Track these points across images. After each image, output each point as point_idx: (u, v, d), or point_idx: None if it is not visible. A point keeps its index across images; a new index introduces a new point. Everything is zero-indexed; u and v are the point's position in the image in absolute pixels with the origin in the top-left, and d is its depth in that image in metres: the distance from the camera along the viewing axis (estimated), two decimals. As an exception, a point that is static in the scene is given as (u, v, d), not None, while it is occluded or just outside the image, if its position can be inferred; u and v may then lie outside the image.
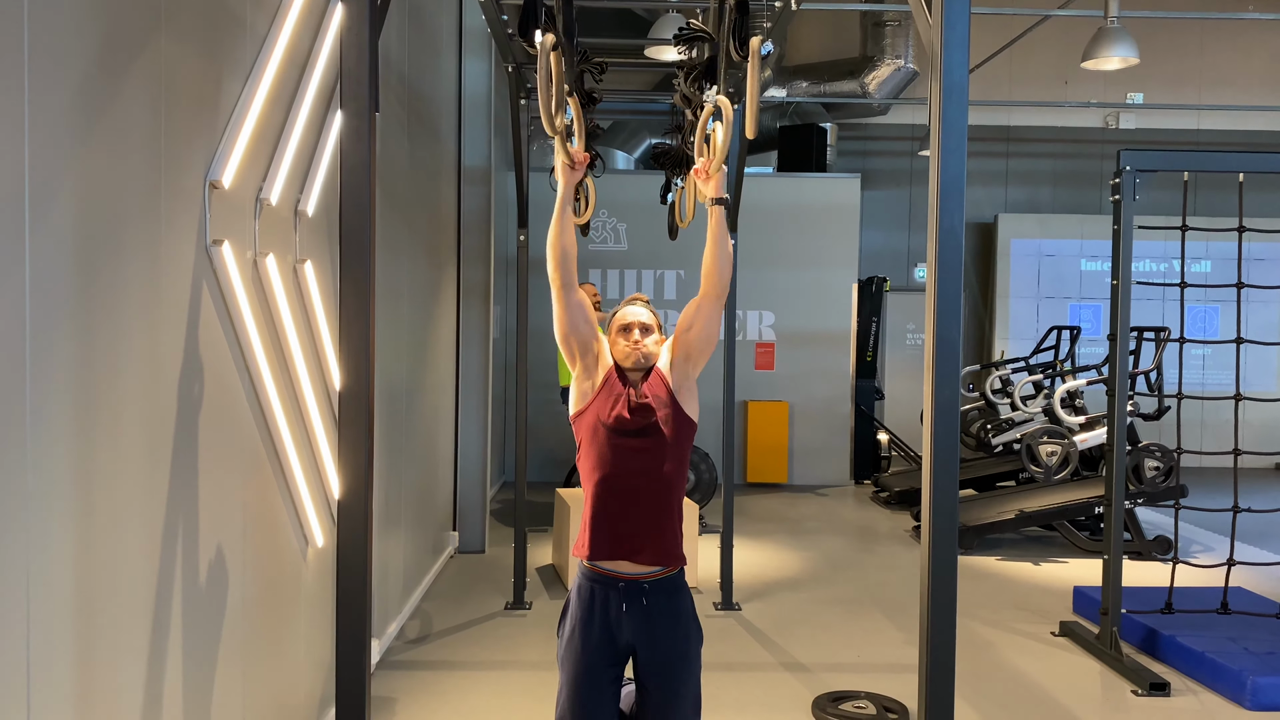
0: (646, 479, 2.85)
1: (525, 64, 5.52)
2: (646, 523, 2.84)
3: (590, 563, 2.88)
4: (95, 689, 2.16)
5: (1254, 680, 4.29)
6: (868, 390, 10.31)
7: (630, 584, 2.85)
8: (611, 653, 2.86)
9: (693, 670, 2.95)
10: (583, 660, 2.86)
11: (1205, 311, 11.84)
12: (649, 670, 2.89)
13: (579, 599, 2.91)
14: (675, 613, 2.91)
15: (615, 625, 2.85)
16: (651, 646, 2.87)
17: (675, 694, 2.90)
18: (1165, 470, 7.05)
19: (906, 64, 10.37)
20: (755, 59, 2.50)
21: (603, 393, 2.91)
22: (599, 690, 2.87)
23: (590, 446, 2.89)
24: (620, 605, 2.85)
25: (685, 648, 2.93)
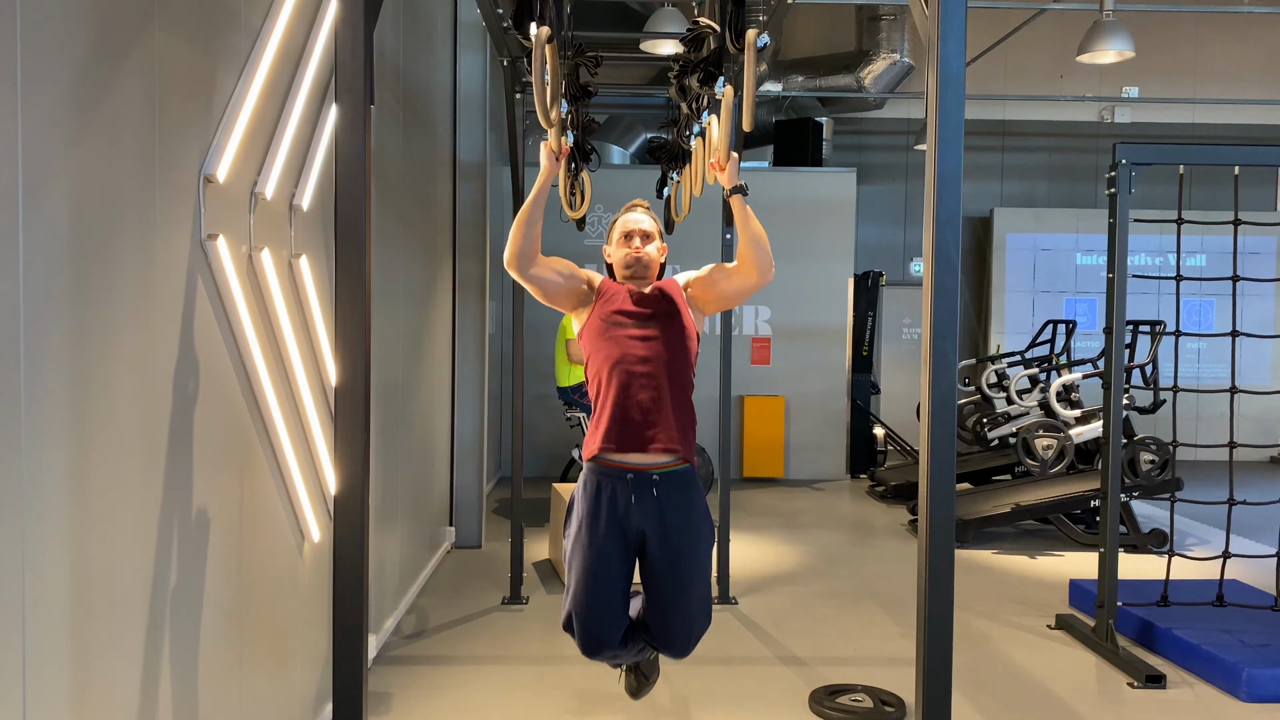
0: (652, 367, 2.84)
1: (520, 57, 5.51)
2: (655, 412, 2.82)
3: (599, 457, 2.83)
4: (91, 684, 2.15)
5: (1249, 672, 4.30)
6: (864, 385, 10.32)
7: (639, 475, 2.80)
8: (621, 544, 2.81)
9: (703, 568, 2.88)
10: (591, 551, 2.80)
11: (1200, 305, 11.86)
12: (658, 561, 2.82)
13: (585, 493, 2.85)
14: (686, 504, 2.86)
15: (624, 516, 2.79)
16: (661, 536, 2.81)
17: (684, 590, 2.83)
18: (1161, 463, 7.07)
19: (902, 58, 10.36)
20: (751, 52, 2.49)
21: (602, 299, 2.93)
22: (607, 585, 2.81)
23: (598, 346, 2.88)
24: (629, 496, 2.80)
25: (696, 541, 2.86)
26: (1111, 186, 4.79)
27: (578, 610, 2.85)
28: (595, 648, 2.91)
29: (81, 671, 2.11)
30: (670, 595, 2.86)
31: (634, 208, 3.08)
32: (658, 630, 2.93)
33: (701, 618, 2.94)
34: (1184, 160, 4.90)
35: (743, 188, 2.86)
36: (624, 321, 2.87)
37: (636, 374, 2.83)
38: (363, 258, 2.42)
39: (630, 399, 2.83)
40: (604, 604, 2.83)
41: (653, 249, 2.99)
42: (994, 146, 12.40)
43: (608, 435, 2.83)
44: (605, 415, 2.85)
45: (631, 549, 2.85)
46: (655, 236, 3.02)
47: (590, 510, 2.83)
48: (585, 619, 2.85)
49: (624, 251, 2.99)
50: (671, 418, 2.84)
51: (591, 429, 2.90)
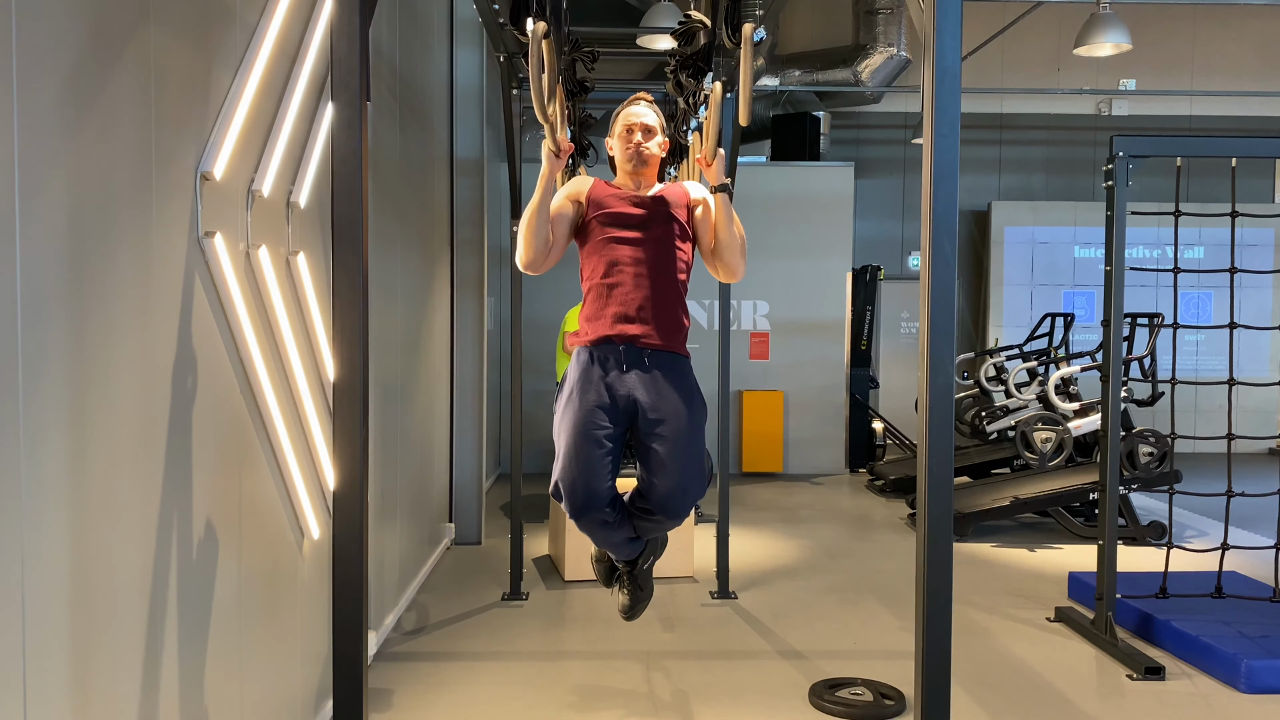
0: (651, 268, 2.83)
1: (517, 53, 5.50)
2: (651, 306, 2.82)
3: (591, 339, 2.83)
4: (91, 681, 2.15)
5: (1248, 663, 4.31)
6: (862, 379, 10.33)
7: (632, 347, 2.80)
8: (611, 410, 2.79)
9: (697, 435, 2.86)
10: (580, 414, 2.79)
11: (1198, 297, 11.87)
12: (650, 426, 2.81)
13: (577, 366, 2.85)
14: (680, 378, 2.85)
15: (615, 382, 2.79)
16: (653, 400, 2.80)
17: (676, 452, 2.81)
18: (1159, 456, 7.07)
19: (899, 52, 10.35)
20: (748, 46, 2.49)
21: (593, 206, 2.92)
22: (596, 444, 2.78)
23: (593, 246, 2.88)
24: (620, 364, 2.80)
25: (689, 406, 2.85)
26: (1109, 179, 4.80)
27: (567, 466, 2.80)
28: (585, 506, 2.83)
29: (81, 670, 2.11)
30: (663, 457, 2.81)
31: (636, 100, 3.06)
32: (651, 495, 2.88)
33: (696, 481, 2.88)
34: (1181, 152, 4.91)
35: (727, 186, 2.86)
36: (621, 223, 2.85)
37: (630, 274, 2.82)
38: (360, 255, 2.42)
39: (624, 298, 2.82)
40: (593, 459, 2.78)
41: (654, 144, 2.98)
42: (991, 140, 12.40)
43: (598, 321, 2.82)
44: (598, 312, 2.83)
45: (621, 413, 2.81)
46: (657, 131, 2.99)
47: (581, 376, 2.82)
48: (573, 474, 2.79)
49: (624, 145, 2.97)
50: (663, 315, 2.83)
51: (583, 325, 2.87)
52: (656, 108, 3.07)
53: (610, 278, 2.84)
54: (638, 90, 3.25)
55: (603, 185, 2.97)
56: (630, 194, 2.94)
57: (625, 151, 2.97)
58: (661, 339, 2.83)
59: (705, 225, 2.97)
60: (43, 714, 1.96)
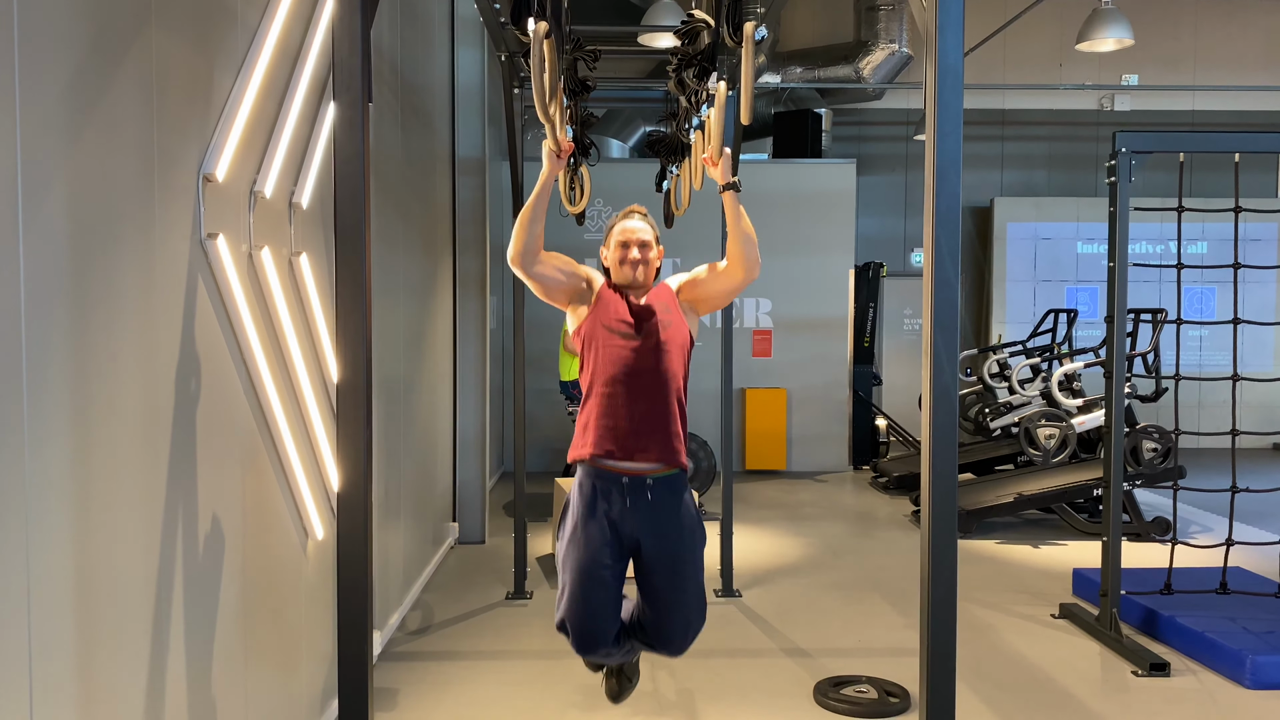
0: (648, 378, 2.86)
1: (518, 53, 5.50)
2: (649, 421, 2.84)
3: (592, 461, 2.86)
4: (97, 683, 2.16)
5: (1253, 659, 4.30)
6: (865, 376, 10.32)
7: (634, 479, 2.82)
8: (615, 547, 2.83)
9: (697, 569, 2.92)
10: (585, 554, 2.82)
11: (1202, 293, 11.84)
12: (653, 563, 2.85)
13: (580, 495, 2.87)
14: (680, 509, 2.89)
15: (618, 519, 2.82)
16: (656, 539, 2.83)
17: (679, 590, 2.86)
18: (1163, 452, 7.06)
19: (901, 48, 10.34)
20: (749, 44, 2.49)
21: (600, 303, 2.94)
22: (601, 585, 2.83)
23: (591, 353, 2.91)
24: (623, 500, 2.82)
25: (691, 543, 2.89)
26: (1112, 175, 4.79)
27: (572, 609, 2.88)
28: (589, 646, 2.94)
29: (87, 670, 2.11)
30: (666, 595, 2.89)
31: (631, 214, 3.08)
32: (654, 630, 2.96)
33: (697, 615, 2.97)
34: (1184, 148, 4.89)
35: (735, 184, 2.87)
36: (619, 332, 2.89)
37: (629, 385, 2.86)
38: (362, 255, 2.42)
39: (622, 410, 2.85)
40: (598, 603, 2.85)
41: (650, 258, 3.00)
42: (994, 136, 12.38)
43: (599, 443, 2.86)
44: (598, 423, 2.87)
45: (625, 550, 2.88)
46: (652, 244, 3.03)
47: (585, 511, 2.86)
48: (579, 617, 2.87)
49: (621, 260, 2.99)
50: (662, 428, 2.87)
51: (580, 431, 2.90)
52: (651, 220, 3.09)
53: (610, 388, 2.86)
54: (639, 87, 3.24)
55: (609, 291, 3.01)
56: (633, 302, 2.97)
57: (621, 267, 2.99)
58: (661, 458, 2.86)
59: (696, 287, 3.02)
60: (48, 713, 1.96)
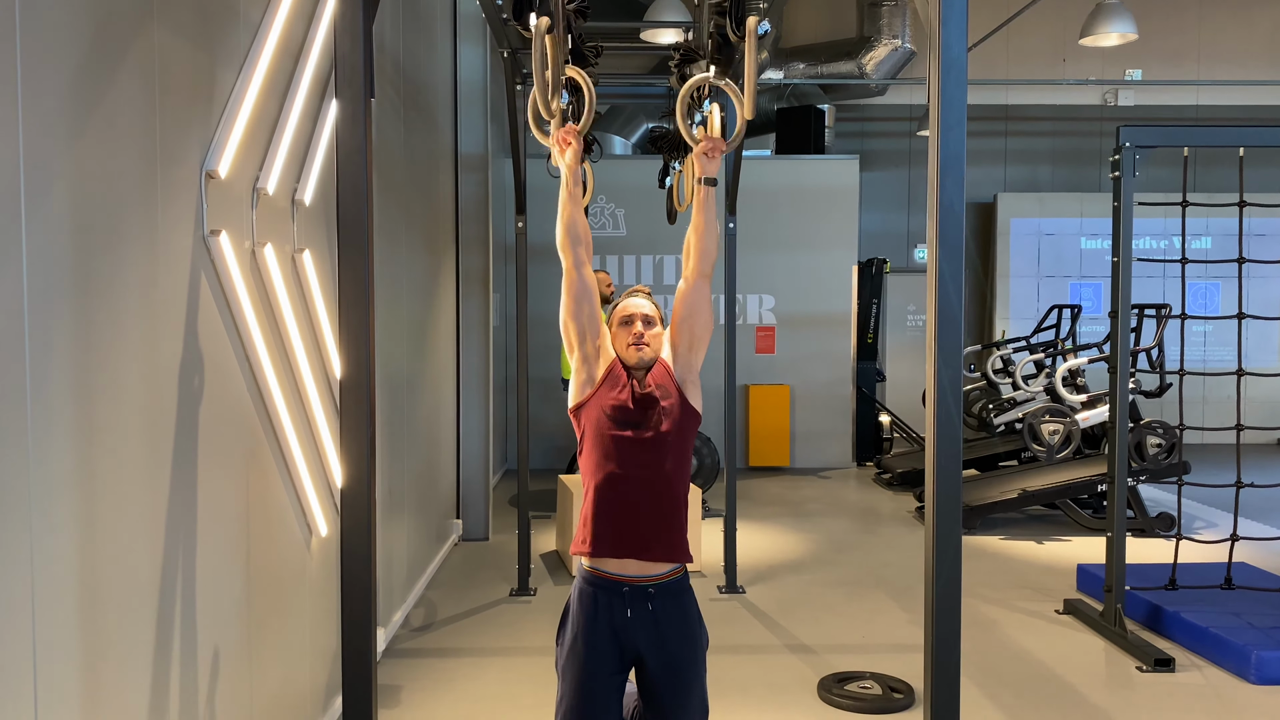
0: (650, 472, 2.76)
1: (520, 49, 5.49)
2: (651, 518, 2.76)
3: (592, 564, 2.79)
4: (101, 679, 2.16)
5: (1258, 655, 4.30)
6: (869, 372, 10.31)
7: (635, 589, 2.76)
8: (616, 660, 2.77)
9: (700, 674, 2.87)
10: (586, 668, 2.77)
11: (1206, 288, 11.82)
12: (657, 676, 2.80)
13: (580, 605, 2.81)
14: (683, 617, 2.83)
15: (620, 631, 2.76)
16: (659, 652, 2.78)
17: (683, 700, 2.82)
18: (1168, 447, 7.05)
19: (904, 44, 10.32)
20: (752, 39, 2.48)
21: (605, 385, 2.84)
22: (604, 698, 2.78)
23: (593, 440, 2.81)
24: (625, 611, 2.76)
25: (693, 652, 2.84)
26: (1116, 170, 4.78)
27: None
28: None
29: (92, 667, 2.12)
30: (669, 703, 2.83)
31: (635, 293, 3.00)
32: None
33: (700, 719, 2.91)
34: (1188, 142, 4.88)
35: (714, 180, 2.83)
36: (621, 422, 2.78)
37: (633, 481, 2.76)
38: (365, 251, 2.42)
39: (625, 506, 2.76)
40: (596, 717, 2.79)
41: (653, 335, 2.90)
42: (997, 131, 12.36)
43: (599, 541, 2.77)
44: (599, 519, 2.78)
45: (627, 661, 2.82)
46: (656, 321, 2.93)
47: (587, 624, 2.78)
48: None
49: (625, 340, 2.90)
50: (666, 523, 2.79)
51: (583, 522, 2.83)
52: (654, 300, 3.02)
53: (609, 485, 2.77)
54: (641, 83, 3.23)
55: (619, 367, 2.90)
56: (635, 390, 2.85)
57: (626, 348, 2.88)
58: (663, 556, 2.78)
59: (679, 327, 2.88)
60: (54, 708, 1.96)
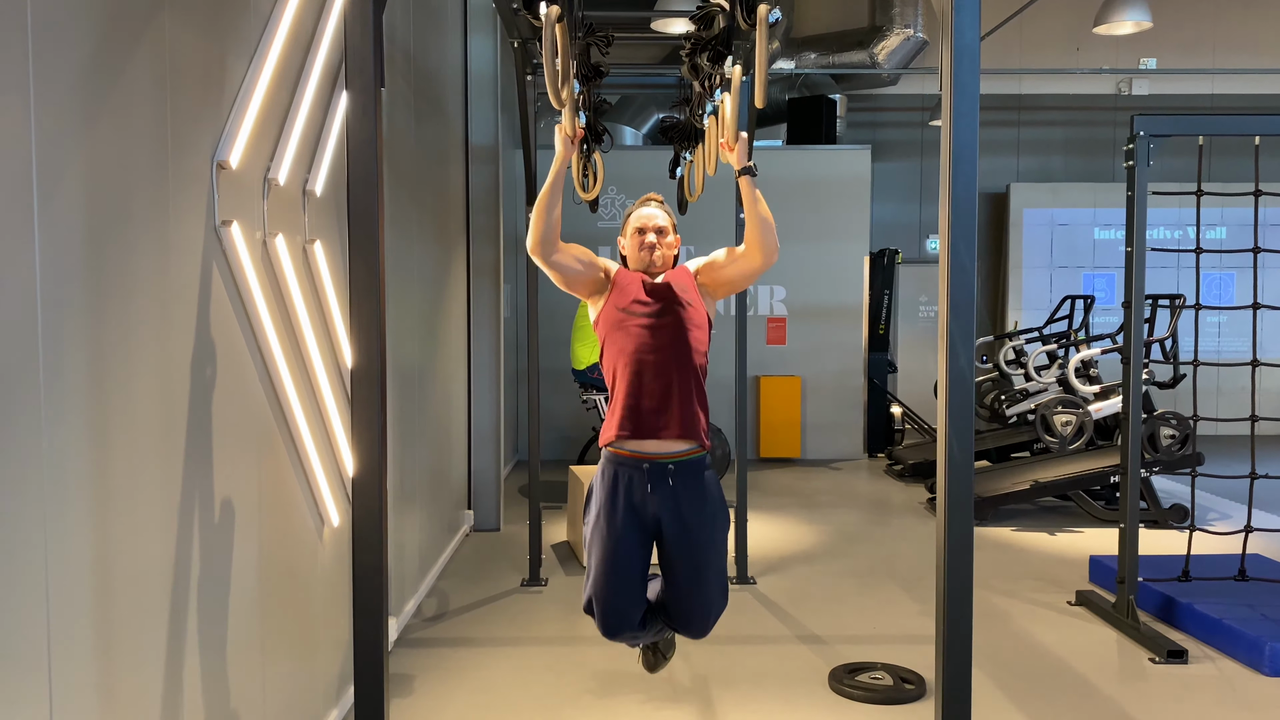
0: (667, 355, 2.90)
1: (531, 39, 5.48)
2: (670, 398, 2.88)
3: (615, 445, 2.92)
4: (114, 669, 2.17)
5: (1272, 646, 4.28)
6: (880, 363, 10.28)
7: (655, 465, 2.88)
8: (639, 530, 2.89)
9: (719, 553, 2.97)
10: (610, 537, 2.89)
11: (1221, 278, 11.74)
12: (675, 546, 2.91)
13: (603, 482, 2.94)
14: (701, 492, 2.94)
15: (641, 505, 2.88)
16: (678, 523, 2.89)
17: (701, 575, 2.92)
18: (1181, 438, 7.02)
19: (916, 33, 10.26)
20: (763, 27, 2.47)
21: (617, 288, 3.00)
22: (626, 568, 2.90)
23: (612, 336, 2.95)
24: (646, 485, 2.88)
25: (711, 527, 2.94)
26: (1130, 159, 4.74)
27: (598, 594, 2.94)
28: (615, 629, 3.00)
29: (105, 657, 2.13)
30: (688, 578, 2.95)
31: (648, 202, 3.13)
32: (677, 613, 3.01)
33: (719, 599, 3.01)
34: (1203, 131, 4.84)
35: (752, 169, 2.87)
36: (637, 312, 2.95)
37: (649, 363, 2.91)
38: (376, 242, 2.42)
39: (643, 388, 2.90)
40: (623, 587, 2.92)
41: (667, 243, 3.05)
42: (1010, 121, 12.28)
43: (623, 424, 2.91)
44: (620, 404, 2.93)
45: (649, 534, 2.95)
46: (669, 230, 3.09)
47: (608, 498, 2.92)
48: (605, 602, 2.94)
49: (638, 247, 3.05)
50: (684, 406, 2.92)
51: (609, 416, 2.98)
52: (667, 207, 3.14)
53: (631, 368, 2.92)
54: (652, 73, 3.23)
55: (626, 273, 3.06)
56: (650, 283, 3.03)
57: (638, 253, 3.03)
58: (682, 435, 2.90)
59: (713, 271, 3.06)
60: (69, 698, 1.98)
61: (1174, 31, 11.48)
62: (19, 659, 1.84)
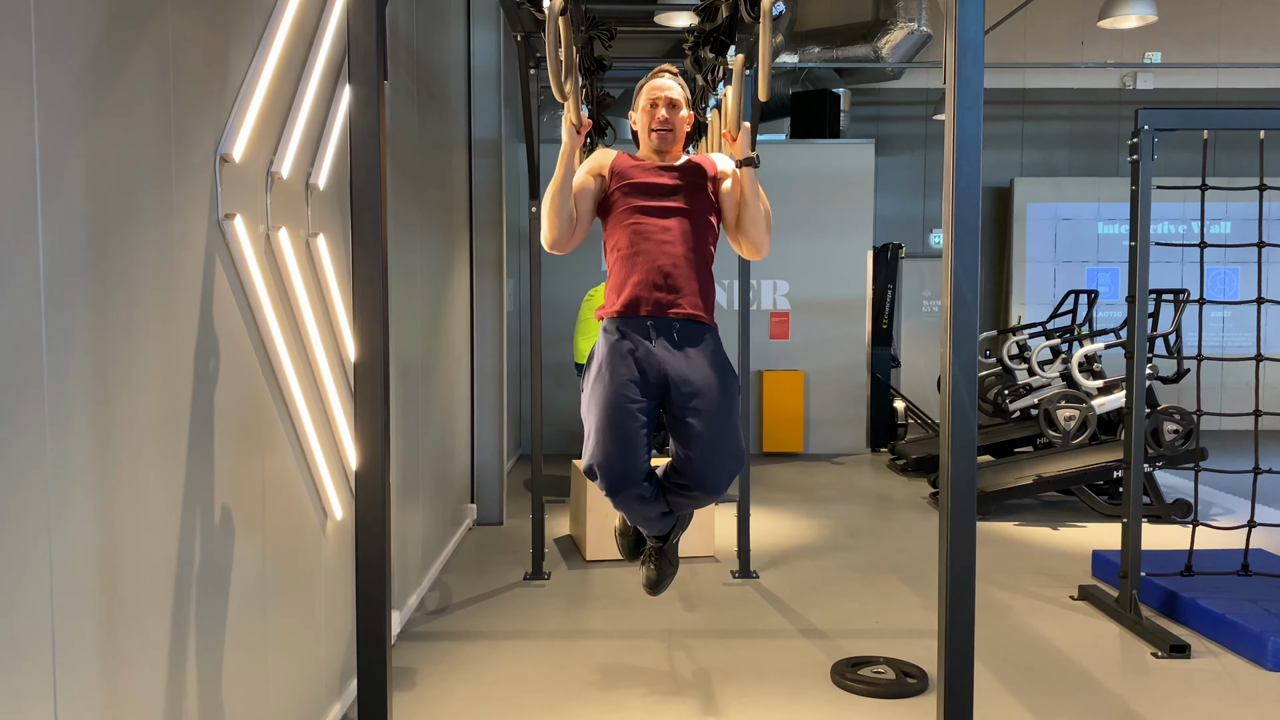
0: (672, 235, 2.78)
1: (534, 32, 5.47)
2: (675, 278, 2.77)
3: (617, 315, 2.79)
4: (118, 662, 2.18)
5: (1275, 641, 4.27)
6: (884, 358, 10.28)
7: (659, 320, 2.75)
8: (642, 384, 2.73)
9: (732, 412, 2.80)
10: (611, 390, 2.73)
11: (1225, 273, 11.72)
12: (683, 400, 2.74)
13: (605, 340, 2.79)
14: (711, 352, 2.80)
15: (645, 358, 2.74)
16: (684, 374, 2.74)
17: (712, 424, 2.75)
18: (1184, 433, 7.01)
19: (920, 27, 10.23)
20: (766, 19, 2.46)
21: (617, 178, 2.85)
22: (629, 418, 2.72)
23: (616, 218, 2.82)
24: (648, 339, 2.74)
25: (721, 379, 2.79)
26: (1134, 153, 4.73)
27: (600, 445, 2.75)
28: (620, 482, 2.78)
29: (109, 650, 2.13)
30: (699, 431, 2.75)
31: (661, 73, 2.97)
32: (688, 470, 2.81)
33: (734, 455, 2.82)
34: (1208, 125, 4.82)
35: (754, 160, 2.82)
36: (645, 190, 2.79)
37: (657, 241, 2.76)
38: (379, 236, 2.42)
39: (651, 265, 2.75)
40: (626, 436, 2.72)
41: (680, 118, 2.90)
42: (1014, 115, 12.26)
43: (627, 301, 2.76)
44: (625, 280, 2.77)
45: (653, 387, 2.76)
46: (682, 104, 2.89)
47: (610, 351, 2.76)
48: (608, 452, 2.75)
49: (649, 123, 2.90)
50: (691, 284, 2.77)
51: (609, 296, 2.81)
52: (681, 80, 2.97)
53: (636, 246, 2.77)
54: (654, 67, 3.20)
55: (626, 157, 2.90)
56: (655, 164, 2.87)
57: (649, 125, 2.89)
58: (689, 306, 2.76)
59: (730, 200, 2.89)
60: (72, 690, 1.98)
61: (1179, 25, 11.45)
62: (23, 650, 1.84)
